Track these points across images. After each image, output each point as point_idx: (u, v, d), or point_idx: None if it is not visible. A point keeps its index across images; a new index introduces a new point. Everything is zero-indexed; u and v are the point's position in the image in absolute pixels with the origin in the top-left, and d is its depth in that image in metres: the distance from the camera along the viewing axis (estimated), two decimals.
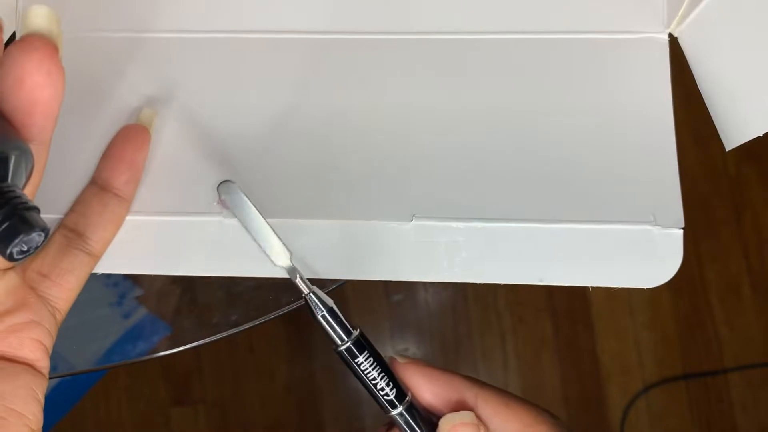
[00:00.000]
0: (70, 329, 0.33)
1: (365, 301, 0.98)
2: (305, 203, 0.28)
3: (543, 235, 0.27)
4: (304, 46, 0.30)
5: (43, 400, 0.24)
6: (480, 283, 0.27)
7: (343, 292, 0.99)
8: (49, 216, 0.27)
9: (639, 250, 0.27)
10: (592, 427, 0.96)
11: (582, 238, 0.27)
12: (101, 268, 0.28)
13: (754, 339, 0.96)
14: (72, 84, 0.29)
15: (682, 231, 0.27)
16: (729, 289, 0.97)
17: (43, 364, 0.24)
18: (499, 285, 0.98)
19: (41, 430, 0.23)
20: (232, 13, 0.30)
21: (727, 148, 0.27)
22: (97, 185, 0.27)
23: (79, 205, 0.27)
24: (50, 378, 0.25)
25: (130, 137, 0.28)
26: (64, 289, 0.25)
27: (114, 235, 0.27)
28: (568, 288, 0.27)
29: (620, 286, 0.27)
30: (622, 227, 0.27)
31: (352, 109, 0.29)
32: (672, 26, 0.29)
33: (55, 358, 0.25)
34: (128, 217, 0.28)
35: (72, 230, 0.26)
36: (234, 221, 0.27)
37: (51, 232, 0.26)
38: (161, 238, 0.28)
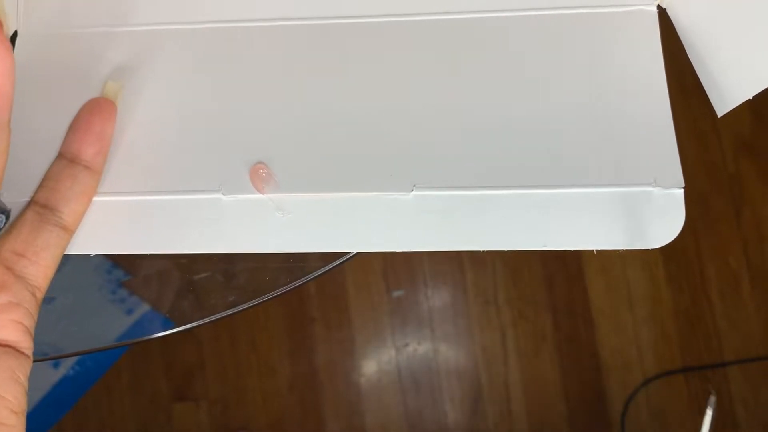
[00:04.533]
0: (70, 328, 0.33)
1: (366, 296, 0.99)
2: (305, 178, 0.28)
3: (545, 200, 0.27)
4: (295, 32, 0.30)
5: (26, 383, 0.23)
6: (480, 279, 0.27)
7: (343, 287, 0.99)
8: (19, 200, 0.27)
9: (641, 212, 0.27)
10: (592, 422, 0.96)
11: (584, 202, 0.27)
12: (98, 249, 0.27)
13: (753, 333, 0.96)
14: (50, 79, 0.29)
15: (682, 191, 0.27)
16: (728, 284, 0.97)
17: (26, 345, 0.24)
18: (498, 280, 0.98)
19: (24, 412, 0.23)
20: (214, 2, 0.30)
21: (719, 115, 0.27)
22: (66, 158, 0.26)
23: (48, 180, 0.26)
24: (53, 359, 0.25)
25: (97, 109, 0.27)
26: (41, 267, 0.25)
27: (86, 207, 0.27)
28: (569, 283, 0.28)
29: (625, 248, 0.27)
30: (624, 189, 0.27)
31: (349, 88, 0.29)
32: None
33: (54, 353, 0.25)
34: (122, 198, 0.28)
35: (43, 206, 0.26)
36: (231, 197, 0.28)
37: (21, 211, 0.26)
38: (159, 218, 0.28)
